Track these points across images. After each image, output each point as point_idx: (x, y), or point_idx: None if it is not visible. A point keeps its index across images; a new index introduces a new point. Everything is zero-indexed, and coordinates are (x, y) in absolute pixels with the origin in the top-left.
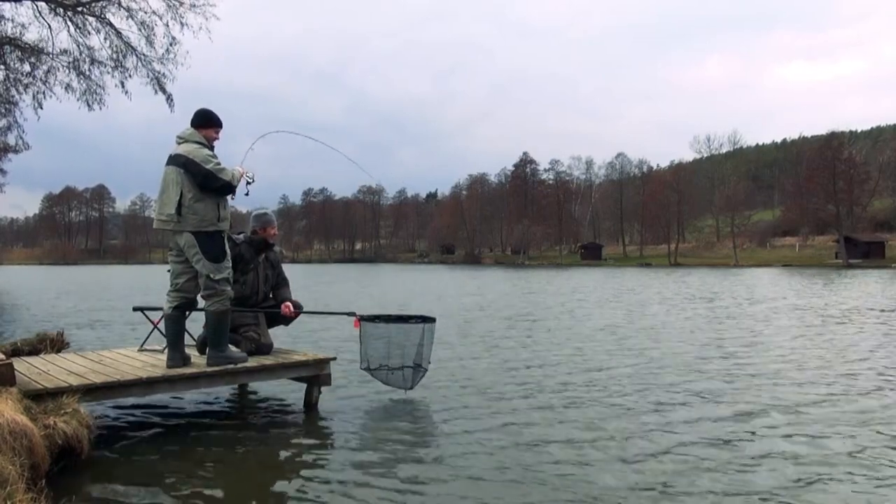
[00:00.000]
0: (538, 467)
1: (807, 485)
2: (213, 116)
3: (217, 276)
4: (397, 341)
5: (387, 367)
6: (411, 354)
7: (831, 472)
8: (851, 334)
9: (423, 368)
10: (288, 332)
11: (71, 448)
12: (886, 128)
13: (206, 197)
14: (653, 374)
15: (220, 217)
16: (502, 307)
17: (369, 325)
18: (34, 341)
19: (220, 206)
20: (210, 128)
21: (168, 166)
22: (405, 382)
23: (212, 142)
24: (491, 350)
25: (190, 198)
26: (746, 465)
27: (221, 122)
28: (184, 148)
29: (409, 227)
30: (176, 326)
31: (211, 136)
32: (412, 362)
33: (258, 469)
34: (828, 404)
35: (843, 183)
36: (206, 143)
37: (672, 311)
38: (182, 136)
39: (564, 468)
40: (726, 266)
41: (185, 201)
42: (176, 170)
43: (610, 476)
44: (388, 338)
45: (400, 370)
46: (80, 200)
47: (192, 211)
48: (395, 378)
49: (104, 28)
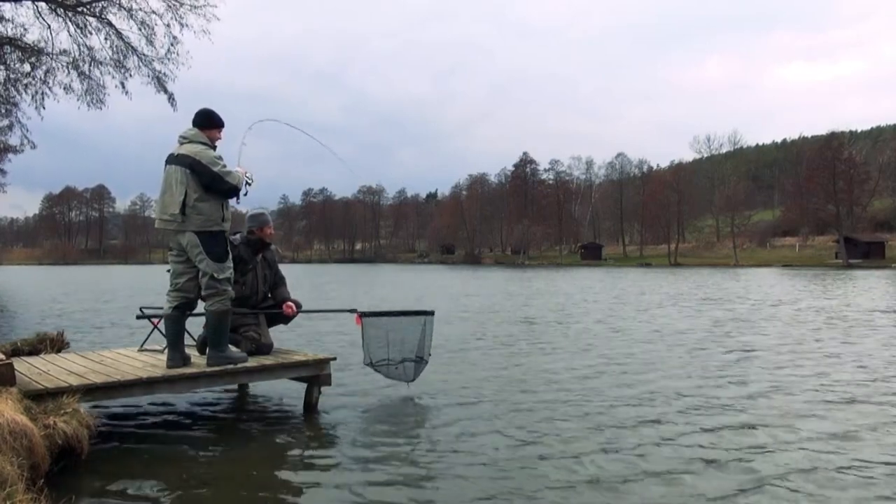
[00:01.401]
0: (539, 468)
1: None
2: (216, 117)
3: (220, 275)
4: (398, 335)
5: (389, 362)
6: (412, 347)
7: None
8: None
9: (424, 360)
10: (288, 333)
11: (71, 448)
12: (886, 128)
13: (210, 197)
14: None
15: (225, 217)
16: (518, 308)
17: (370, 320)
18: (34, 341)
19: (223, 207)
20: (213, 128)
21: (171, 165)
22: (407, 375)
23: (214, 142)
24: (494, 351)
25: (195, 198)
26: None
27: (223, 123)
28: (188, 148)
29: (409, 227)
30: (176, 326)
31: (214, 136)
32: (414, 355)
33: (258, 469)
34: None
35: (843, 183)
36: (210, 143)
37: (693, 313)
38: (185, 136)
39: (571, 474)
40: (726, 266)
41: (190, 201)
42: (181, 170)
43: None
44: (388, 332)
45: (401, 364)
46: (80, 200)
47: (196, 211)
48: (397, 372)
49: (104, 28)
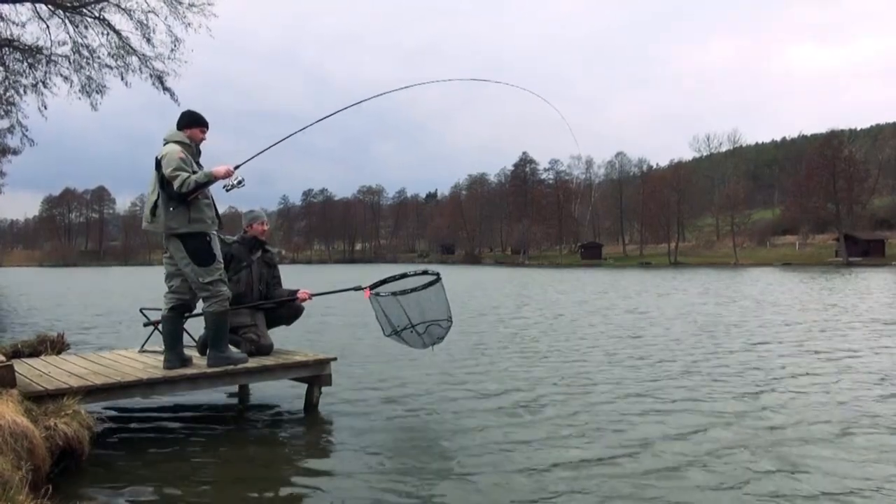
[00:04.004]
0: (540, 468)
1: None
2: (198, 116)
3: (206, 278)
4: (412, 303)
5: (410, 327)
6: (429, 312)
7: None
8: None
9: (448, 321)
10: (288, 333)
11: (72, 449)
12: (886, 126)
13: (172, 198)
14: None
15: (201, 218)
16: (516, 308)
17: (379, 291)
18: (34, 343)
19: (190, 209)
20: (195, 127)
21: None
22: (430, 339)
23: (197, 141)
24: (495, 351)
25: (163, 199)
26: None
27: (207, 122)
28: (164, 149)
29: (409, 227)
30: (172, 328)
31: (196, 135)
32: (431, 318)
33: (259, 469)
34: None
35: (842, 181)
36: (190, 142)
37: (730, 314)
38: (165, 138)
39: (580, 481)
40: (727, 265)
41: (161, 202)
42: (154, 171)
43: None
44: (399, 299)
45: (425, 326)
46: (79, 202)
47: (163, 211)
48: (417, 339)
49: (103, 27)
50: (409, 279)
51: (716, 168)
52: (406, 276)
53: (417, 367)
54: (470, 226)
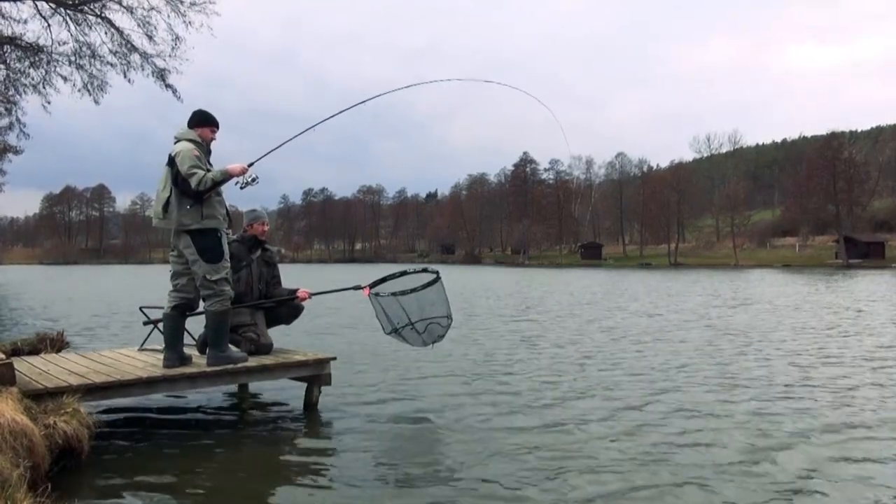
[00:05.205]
0: (540, 469)
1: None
2: (208, 115)
3: (214, 276)
4: (411, 302)
5: (411, 325)
6: (429, 310)
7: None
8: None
9: (448, 319)
10: (288, 333)
11: (71, 448)
12: (886, 127)
13: (186, 195)
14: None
15: (213, 215)
16: (519, 307)
17: (379, 291)
18: (34, 341)
19: (203, 206)
20: (206, 126)
21: (166, 165)
22: (430, 337)
23: (208, 140)
24: (496, 350)
25: (176, 195)
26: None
27: (217, 122)
28: (177, 146)
29: (409, 227)
30: (173, 326)
31: (206, 135)
32: (431, 316)
33: (258, 469)
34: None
35: (843, 183)
36: (202, 141)
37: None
38: (177, 136)
39: (587, 487)
40: (727, 266)
41: (174, 199)
42: (167, 168)
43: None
44: (399, 298)
45: (425, 324)
46: (80, 200)
47: (176, 208)
48: (417, 338)
49: (105, 25)
50: (408, 278)
51: (716, 169)
52: (406, 274)
53: (417, 366)
54: (470, 226)
